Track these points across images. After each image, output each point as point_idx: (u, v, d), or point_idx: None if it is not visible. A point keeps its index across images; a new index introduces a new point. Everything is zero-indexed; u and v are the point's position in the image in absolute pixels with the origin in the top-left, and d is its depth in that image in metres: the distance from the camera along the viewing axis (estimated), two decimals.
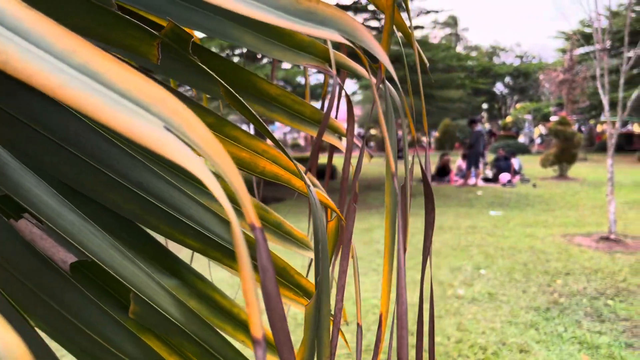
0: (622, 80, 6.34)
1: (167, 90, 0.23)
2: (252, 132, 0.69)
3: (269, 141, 0.58)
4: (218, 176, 0.50)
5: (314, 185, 0.71)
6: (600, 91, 6.56)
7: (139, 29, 0.40)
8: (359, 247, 6.24)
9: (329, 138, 0.70)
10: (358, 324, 0.50)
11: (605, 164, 6.59)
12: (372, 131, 34.83)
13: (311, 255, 0.69)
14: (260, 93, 0.57)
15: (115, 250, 0.41)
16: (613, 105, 6.77)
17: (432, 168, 15.54)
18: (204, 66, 0.44)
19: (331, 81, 0.76)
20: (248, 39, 0.53)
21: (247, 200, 0.23)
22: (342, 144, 0.78)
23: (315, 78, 14.30)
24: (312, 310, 0.42)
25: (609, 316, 3.87)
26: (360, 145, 0.65)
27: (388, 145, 0.52)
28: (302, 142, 36.79)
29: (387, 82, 0.43)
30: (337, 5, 13.44)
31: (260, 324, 0.21)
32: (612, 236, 6.28)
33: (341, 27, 0.35)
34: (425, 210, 0.56)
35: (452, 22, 57.59)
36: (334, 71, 0.54)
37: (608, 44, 7.03)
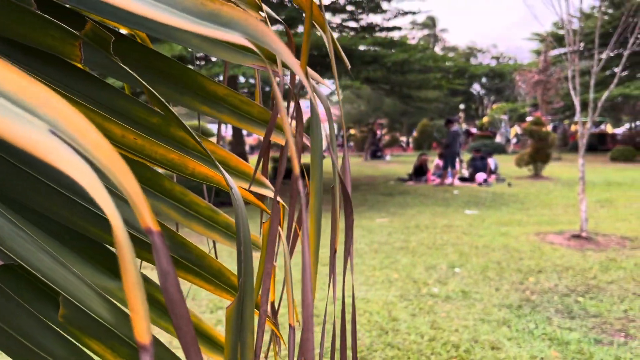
0: (592, 82, 6.46)
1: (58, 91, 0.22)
2: (229, 131, 0.70)
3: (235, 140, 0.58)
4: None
5: (265, 186, 0.71)
6: (572, 92, 6.68)
7: (60, 29, 0.39)
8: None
9: (277, 138, 0.70)
10: (290, 325, 0.49)
11: (578, 164, 6.72)
12: (352, 131, 34.94)
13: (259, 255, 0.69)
14: (207, 93, 0.57)
15: (45, 254, 0.40)
16: (585, 106, 6.90)
17: (410, 168, 15.68)
18: (125, 67, 0.43)
19: (287, 80, 0.76)
20: (193, 40, 0.52)
21: (140, 204, 0.22)
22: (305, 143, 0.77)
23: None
24: (234, 312, 0.41)
25: (579, 313, 3.94)
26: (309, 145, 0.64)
27: (331, 146, 0.52)
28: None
29: (312, 82, 0.42)
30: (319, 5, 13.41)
31: (146, 329, 0.20)
32: (584, 234, 6.41)
33: (246, 30, 0.34)
34: (344, 213, 0.56)
35: (431, 23, 58.14)
36: (279, 70, 0.54)
37: (580, 46, 7.16)
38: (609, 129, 34.02)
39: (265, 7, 0.52)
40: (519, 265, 5.24)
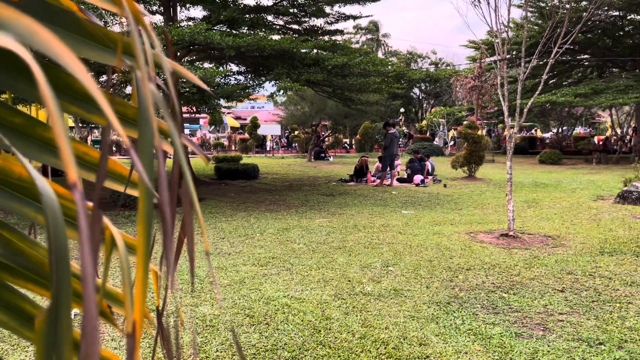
0: (519, 89, 6.80)
1: None
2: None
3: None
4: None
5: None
6: (501, 98, 7.00)
7: None
8: (275, 247, 6.25)
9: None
10: (129, 334, 0.41)
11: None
12: (296, 132, 34.99)
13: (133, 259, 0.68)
14: (77, 94, 0.56)
15: None
16: (515, 111, 7.22)
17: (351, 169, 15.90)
18: None
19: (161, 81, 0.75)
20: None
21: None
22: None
23: (234, 79, 14.13)
24: (45, 325, 0.35)
25: (503, 308, 4.14)
26: (193, 147, 0.64)
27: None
28: (226, 142, 36.25)
29: (146, 79, 0.41)
30: (257, 5, 13.39)
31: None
32: (511, 233, 6.73)
33: (17, 31, 0.33)
34: (183, 222, 0.56)
35: (374, 28, 59.22)
36: (152, 72, 0.53)
37: (512, 54, 7.50)
38: (538, 133, 35.85)
39: (139, 6, 0.52)
40: (450, 263, 5.44)
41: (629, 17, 24.77)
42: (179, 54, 12.05)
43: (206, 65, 14.37)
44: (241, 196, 11.32)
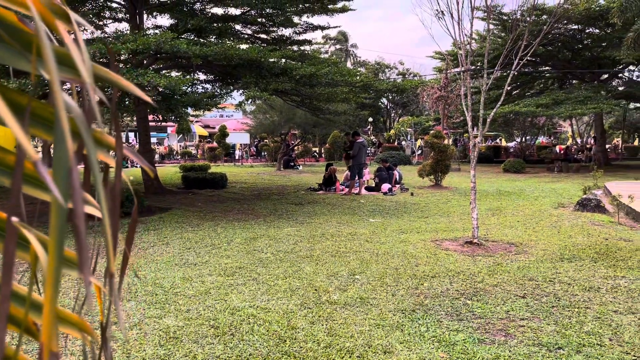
0: (482, 99, 6.96)
1: None
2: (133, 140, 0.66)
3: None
4: None
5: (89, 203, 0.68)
6: (464, 108, 7.15)
7: None
8: (242, 256, 6.21)
9: (101, 156, 0.68)
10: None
11: (476, 175, 7.18)
12: (266, 141, 34.90)
13: (73, 274, 0.67)
14: (11, 104, 0.55)
15: None
16: (483, 121, 7.37)
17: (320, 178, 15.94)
18: None
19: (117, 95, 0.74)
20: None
21: None
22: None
23: (201, 88, 14.05)
24: None
25: (467, 315, 4.20)
26: (134, 157, 0.63)
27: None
28: (194, 150, 35.87)
29: (56, 84, 0.40)
30: (225, 14, 13.36)
31: None
32: (475, 240, 6.85)
33: None
34: (110, 233, 0.55)
35: (343, 38, 59.79)
36: (91, 85, 0.53)
37: (477, 65, 7.68)
38: (503, 142, 36.73)
39: (75, 15, 0.52)
40: (415, 270, 5.50)
41: (587, 31, 25.70)
42: (145, 62, 11.91)
43: (174, 73, 14.25)
44: (209, 205, 11.20)
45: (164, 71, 14.07)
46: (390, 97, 40.82)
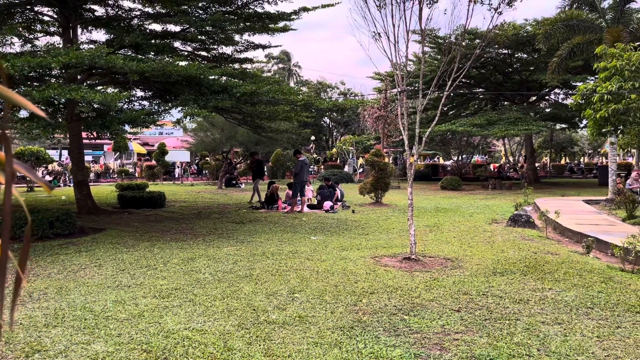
0: (418, 119, 7.18)
1: None
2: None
3: None
4: None
5: None
6: (402, 128, 7.34)
7: None
8: (178, 277, 6.03)
9: None
10: None
11: (415, 192, 7.35)
12: (207, 159, 34.34)
13: None
14: None
15: None
16: (419, 139, 7.58)
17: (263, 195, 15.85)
18: None
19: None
20: None
21: None
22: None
23: (139, 104, 13.72)
24: None
25: (404, 330, 4.26)
26: (29, 174, 0.60)
27: None
28: (131, 168, 34.77)
29: None
30: (164, 31, 13.14)
31: None
32: (413, 256, 6.99)
33: None
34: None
35: (285, 57, 60.25)
36: None
37: (415, 86, 7.92)
38: (440, 160, 37.97)
39: None
40: (355, 287, 5.53)
41: (516, 55, 27.22)
42: (79, 77, 11.49)
43: (110, 89, 13.83)
44: (145, 225, 10.86)
45: (100, 87, 13.65)
46: (332, 116, 41.38)
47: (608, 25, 17.11)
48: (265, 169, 14.00)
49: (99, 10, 13.18)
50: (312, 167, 31.87)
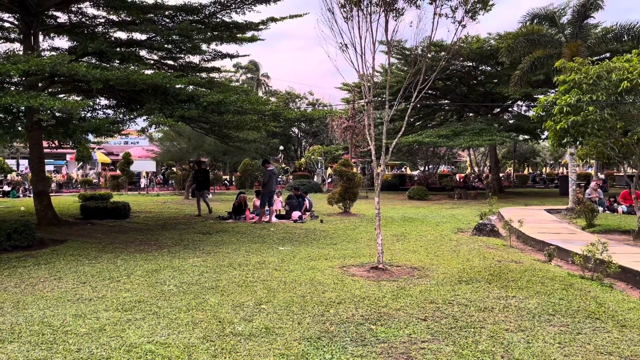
0: (384, 129, 7.25)
1: None
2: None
3: None
4: None
5: None
6: (368, 138, 7.40)
7: None
8: (142, 290, 5.89)
9: None
10: None
11: (382, 202, 7.38)
12: (174, 169, 33.84)
13: None
14: None
15: None
16: (387, 150, 7.63)
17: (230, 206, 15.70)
18: None
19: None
20: None
21: None
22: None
23: (102, 113, 13.45)
24: None
25: (371, 340, 4.25)
26: None
27: None
28: (95, 178, 33.94)
29: None
30: (130, 39, 12.94)
31: None
32: (380, 265, 7.02)
33: None
34: None
35: (254, 67, 60.15)
36: None
37: (382, 97, 8.00)
38: (408, 171, 38.44)
39: None
40: (322, 297, 5.51)
41: (480, 68, 27.89)
42: (40, 84, 11.19)
43: (73, 97, 13.51)
44: (109, 237, 10.59)
45: (62, 95, 13.31)
46: (300, 126, 41.44)
47: (567, 40, 17.71)
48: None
49: (62, 17, 12.90)
50: (280, 177, 31.79)
